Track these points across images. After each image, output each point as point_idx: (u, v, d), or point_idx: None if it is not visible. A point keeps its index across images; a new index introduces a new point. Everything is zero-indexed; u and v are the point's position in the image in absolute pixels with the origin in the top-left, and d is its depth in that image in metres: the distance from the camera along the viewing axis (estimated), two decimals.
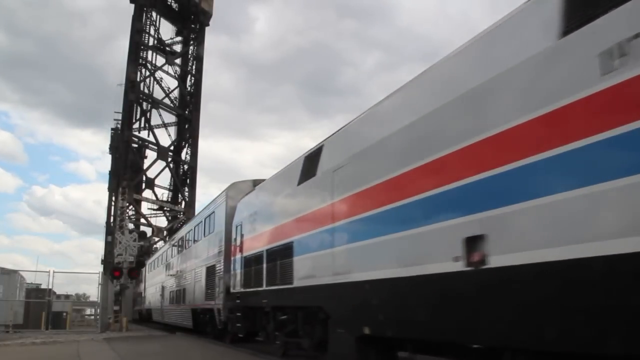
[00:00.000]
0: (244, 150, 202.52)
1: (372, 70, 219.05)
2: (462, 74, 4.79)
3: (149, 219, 46.19)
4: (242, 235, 11.54)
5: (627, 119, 2.98)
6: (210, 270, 14.41)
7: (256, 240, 10.53)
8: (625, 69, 3.05)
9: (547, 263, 3.41)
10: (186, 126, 49.81)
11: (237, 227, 12.07)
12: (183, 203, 48.51)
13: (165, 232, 45.30)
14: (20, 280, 28.97)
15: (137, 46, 45.00)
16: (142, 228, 43.69)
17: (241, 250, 11.48)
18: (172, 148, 48.66)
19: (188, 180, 49.32)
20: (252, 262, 10.62)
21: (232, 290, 12.15)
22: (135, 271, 23.35)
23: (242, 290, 11.25)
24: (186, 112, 49.89)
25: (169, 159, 48.27)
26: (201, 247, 16.39)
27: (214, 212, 14.84)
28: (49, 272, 25.85)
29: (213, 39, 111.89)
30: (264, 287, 9.73)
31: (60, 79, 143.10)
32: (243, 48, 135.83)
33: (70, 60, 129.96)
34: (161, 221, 47.40)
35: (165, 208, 47.80)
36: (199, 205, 45.51)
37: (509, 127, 3.92)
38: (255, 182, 12.32)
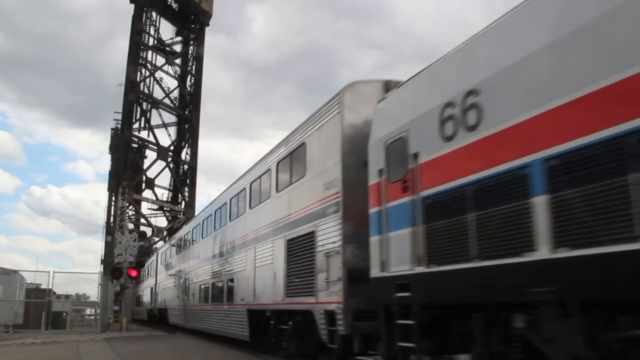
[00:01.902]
0: (242, 150, 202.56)
1: (370, 70, 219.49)
2: None
3: (149, 219, 46.23)
4: (416, 158, 6.05)
5: None
6: (302, 243, 8.85)
7: (477, 155, 5.17)
8: None
9: None
10: (186, 126, 49.79)
11: (389, 145, 6.61)
12: (183, 203, 48.49)
13: (165, 232, 45.29)
14: (20, 280, 28.98)
15: (137, 46, 44.97)
16: (142, 228, 43.70)
17: (417, 188, 5.96)
18: (172, 148, 48.65)
19: (188, 180, 49.30)
20: (461, 205, 5.25)
21: (378, 273, 6.57)
22: (136, 271, 23.34)
23: (422, 269, 5.74)
24: (186, 112, 49.87)
25: (169, 159, 48.26)
26: (272, 209, 10.61)
27: (304, 143, 9.25)
28: (49, 272, 25.93)
29: (211, 39, 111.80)
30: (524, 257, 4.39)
31: (59, 79, 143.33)
32: (241, 48, 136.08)
33: (68, 60, 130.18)
34: (161, 221, 47.47)
35: (165, 208, 47.78)
36: (198, 206, 45.56)
37: None
38: (390, 83, 7.76)
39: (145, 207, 46.17)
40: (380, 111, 7.24)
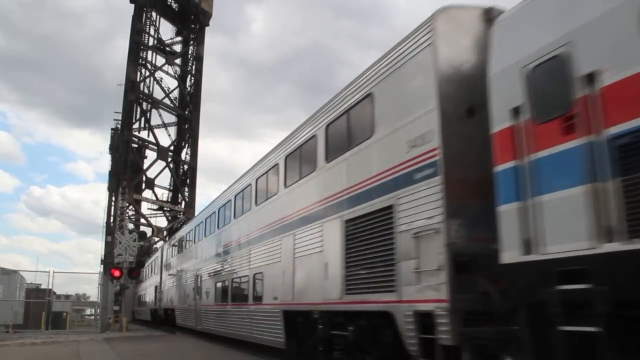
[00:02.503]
0: (241, 150, 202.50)
1: None
2: None
3: (149, 219, 46.20)
4: (592, 81, 4.16)
5: None
6: (370, 223, 6.87)
7: None
8: None
9: None
10: (186, 126, 49.77)
11: (534, 70, 4.75)
12: (183, 203, 48.47)
13: (165, 232, 45.28)
14: (20, 280, 29.00)
15: (137, 46, 44.94)
16: (142, 228, 43.67)
17: (599, 125, 4.06)
18: (172, 148, 48.64)
19: (188, 180, 49.28)
20: None
21: (518, 256, 4.66)
22: (136, 271, 23.35)
23: (616, 246, 3.81)
24: (186, 112, 49.84)
25: (169, 159, 48.25)
26: (319, 185, 8.58)
27: (370, 94, 7.24)
28: (49, 272, 25.92)
29: (211, 39, 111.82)
30: None
31: (58, 79, 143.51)
32: (240, 48, 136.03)
33: (67, 60, 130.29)
34: (161, 221, 47.42)
35: (165, 208, 47.76)
36: (198, 206, 45.56)
37: None
38: (493, 10, 6.05)
39: (145, 207, 46.21)
40: (507, 28, 5.26)
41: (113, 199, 43.81)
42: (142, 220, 45.25)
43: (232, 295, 13.29)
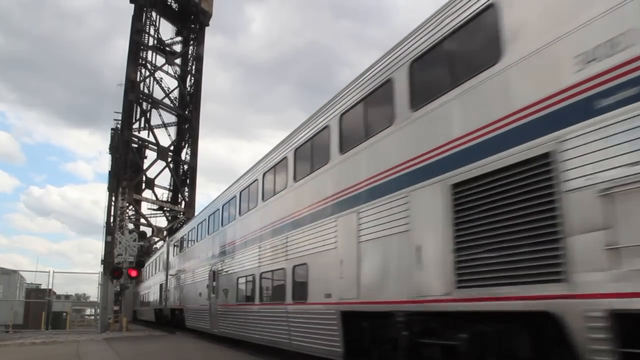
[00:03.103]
0: (240, 150, 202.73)
1: None
2: None
3: (149, 219, 46.23)
4: None
5: None
6: (505, 183, 4.85)
7: None
8: None
9: None
10: (186, 126, 49.80)
11: None
12: (183, 203, 48.50)
13: (165, 232, 45.28)
14: (20, 280, 28.99)
15: (137, 46, 44.98)
16: (142, 228, 43.67)
17: None
18: (172, 148, 48.66)
19: (188, 180, 49.31)
20: None
21: None
22: (136, 271, 23.33)
23: None
24: (186, 112, 49.88)
25: (169, 159, 48.27)
26: (401, 142, 6.58)
27: (492, 3, 5.32)
28: (49, 272, 25.91)
29: (210, 39, 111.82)
30: None
31: (57, 79, 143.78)
32: (239, 48, 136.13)
33: (66, 60, 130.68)
34: (161, 221, 47.49)
35: (165, 208, 47.79)
36: (198, 206, 45.56)
37: None
38: None
39: (145, 207, 46.27)
40: None
41: (113, 199, 43.82)
42: (142, 220, 45.33)
43: (260, 293, 11.08)
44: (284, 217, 9.97)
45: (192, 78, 51.10)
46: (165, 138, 48.00)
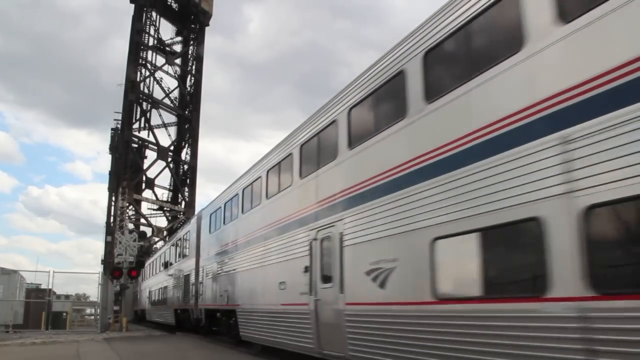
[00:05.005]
0: (239, 150, 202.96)
1: None
2: None
3: (149, 219, 46.23)
4: None
5: None
6: None
7: None
8: None
9: None
10: (186, 126, 49.82)
11: None
12: (183, 203, 48.51)
13: (165, 232, 45.30)
14: (20, 280, 28.99)
15: (137, 46, 44.98)
16: (142, 228, 43.67)
17: None
18: (172, 148, 48.68)
19: (188, 180, 49.32)
20: None
21: None
22: (136, 271, 23.32)
23: None
24: (186, 112, 49.90)
25: (169, 159, 48.29)
26: None
27: None
28: (48, 272, 25.94)
29: (209, 39, 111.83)
30: None
31: (55, 79, 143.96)
32: (238, 48, 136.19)
33: (65, 60, 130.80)
34: (161, 221, 47.48)
35: (165, 208, 47.80)
36: (198, 206, 45.52)
37: None
38: None
39: (145, 207, 46.26)
40: None
41: (113, 199, 43.82)
42: (142, 220, 45.31)
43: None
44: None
45: (192, 78, 51.13)
46: (165, 138, 48.09)
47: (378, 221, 6.75)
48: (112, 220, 42.38)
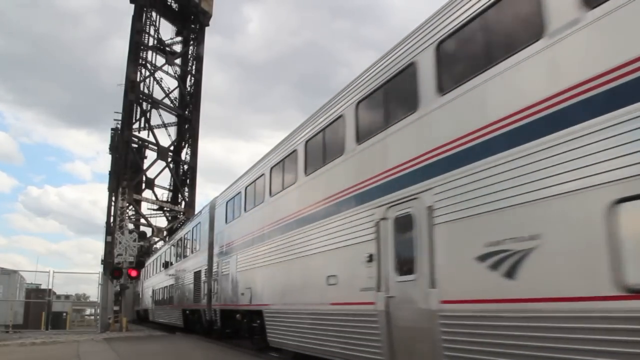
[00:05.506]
0: (238, 150, 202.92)
1: None
2: None
3: (149, 219, 46.19)
4: None
5: None
6: None
7: None
8: None
9: None
10: (186, 126, 49.79)
11: None
12: (183, 203, 48.47)
13: (165, 232, 45.28)
14: (20, 280, 28.99)
15: (137, 46, 44.94)
16: (142, 228, 43.68)
17: None
18: (172, 148, 48.64)
19: (188, 180, 49.28)
20: None
21: None
22: (136, 271, 23.30)
23: None
24: (186, 112, 49.87)
25: (169, 159, 48.26)
26: None
27: None
28: (48, 272, 25.94)
29: (208, 39, 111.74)
30: None
31: (54, 79, 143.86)
32: (237, 48, 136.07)
33: (65, 60, 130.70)
34: (161, 221, 47.42)
35: (165, 208, 47.76)
36: (198, 206, 45.49)
37: None
38: None
39: (145, 207, 46.20)
40: None
41: (113, 199, 43.78)
42: (142, 220, 45.28)
43: None
44: None
45: (192, 78, 51.09)
46: (165, 138, 48.04)
47: (499, 185, 4.80)
48: (112, 220, 42.34)
